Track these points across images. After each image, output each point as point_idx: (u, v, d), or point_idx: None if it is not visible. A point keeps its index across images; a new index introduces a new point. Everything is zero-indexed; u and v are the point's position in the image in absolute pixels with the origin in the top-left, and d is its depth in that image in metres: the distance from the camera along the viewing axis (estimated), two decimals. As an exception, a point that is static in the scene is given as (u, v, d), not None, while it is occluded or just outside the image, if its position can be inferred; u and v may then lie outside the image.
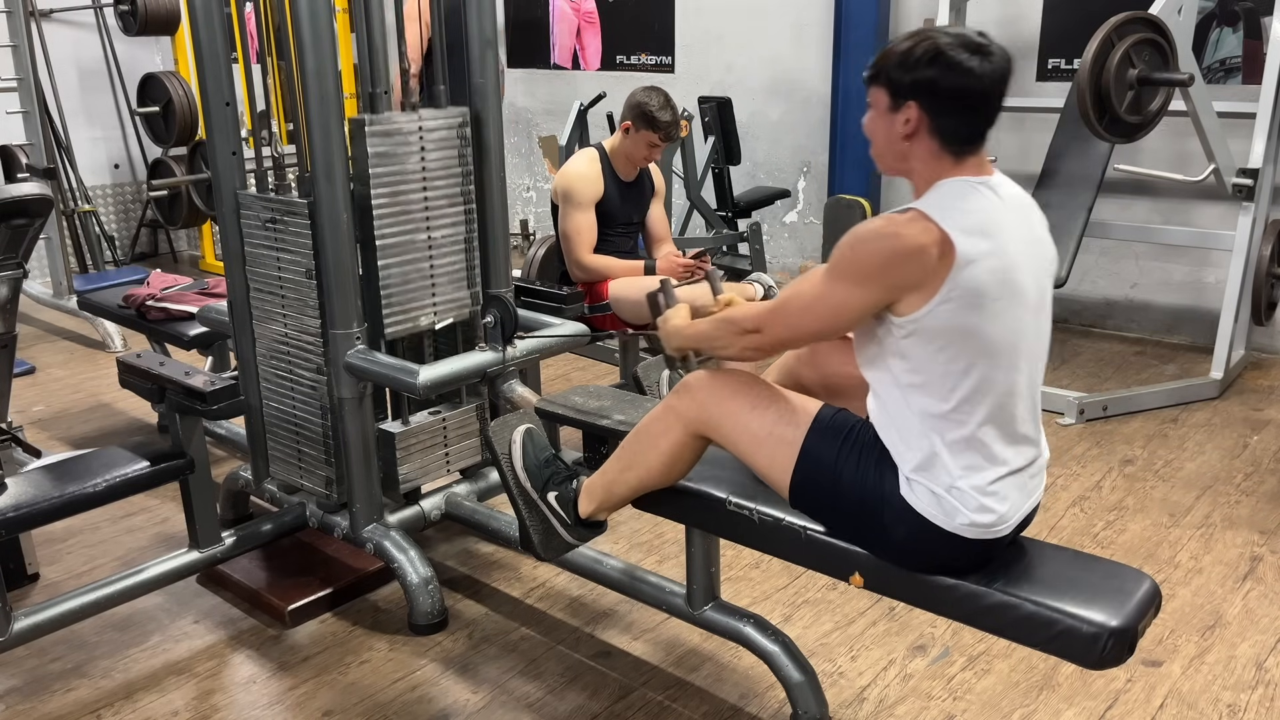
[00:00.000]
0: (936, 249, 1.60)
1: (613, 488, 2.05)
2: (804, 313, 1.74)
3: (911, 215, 1.63)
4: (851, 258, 1.66)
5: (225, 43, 2.56)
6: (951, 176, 1.68)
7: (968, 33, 1.65)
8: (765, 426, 1.84)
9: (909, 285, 1.62)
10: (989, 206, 1.66)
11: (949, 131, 1.66)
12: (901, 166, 1.73)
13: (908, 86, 1.65)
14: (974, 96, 1.64)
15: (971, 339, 1.64)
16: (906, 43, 1.66)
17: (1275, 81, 3.97)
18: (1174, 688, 2.37)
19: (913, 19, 5.27)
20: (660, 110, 3.53)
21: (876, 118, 1.72)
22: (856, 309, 1.68)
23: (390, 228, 2.57)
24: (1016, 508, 1.74)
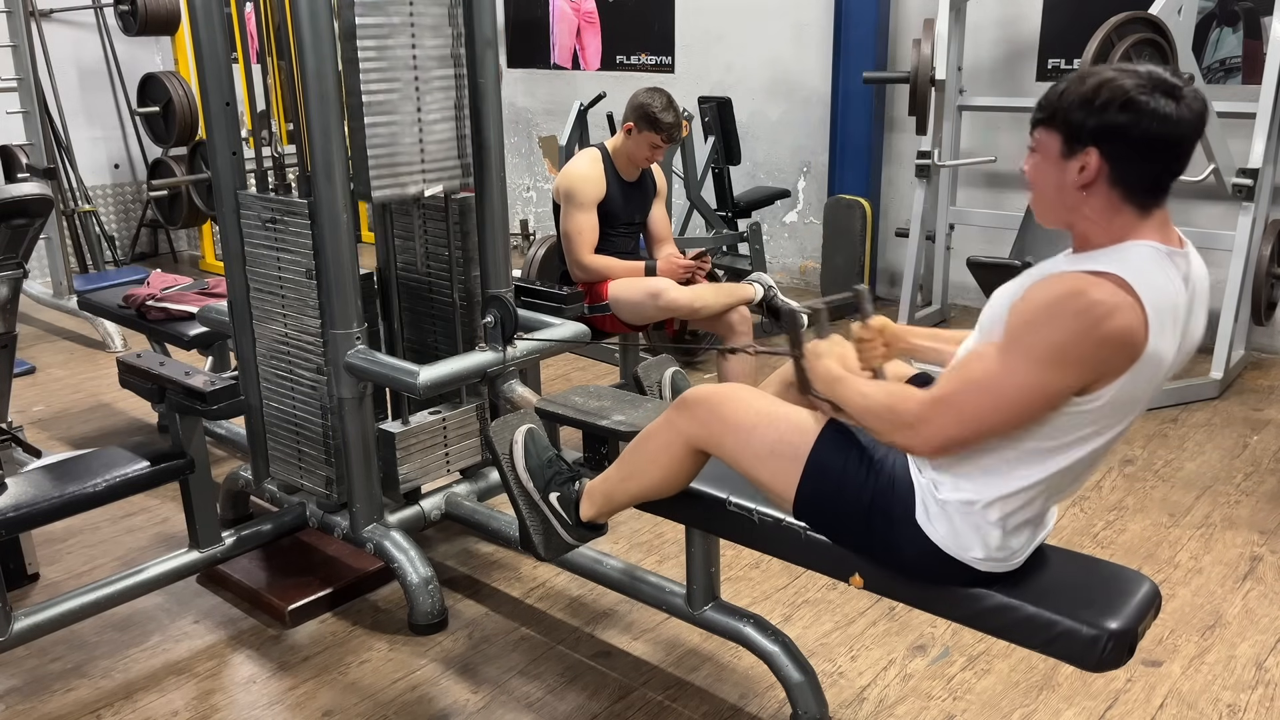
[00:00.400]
0: (1144, 332, 1.44)
1: (613, 495, 2.05)
2: (979, 403, 1.51)
3: (1112, 285, 1.44)
4: (1046, 332, 1.45)
5: (225, 43, 2.56)
6: (1138, 236, 1.51)
7: (1158, 72, 1.47)
8: (768, 443, 1.80)
9: (1107, 372, 1.46)
10: (1177, 291, 1.50)
11: (1135, 182, 1.49)
12: (1070, 218, 1.56)
13: (1091, 132, 1.48)
14: (1167, 145, 1.47)
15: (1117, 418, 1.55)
16: (1088, 82, 1.49)
17: (1275, 81, 3.97)
18: (1174, 688, 2.37)
19: (913, 19, 5.27)
20: (663, 111, 3.53)
21: (1044, 163, 1.55)
22: (1048, 399, 1.49)
23: (377, 84, 2.43)
24: (1030, 542, 1.72)
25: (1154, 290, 1.46)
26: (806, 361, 1.78)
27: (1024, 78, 5.02)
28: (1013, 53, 5.04)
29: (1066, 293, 1.45)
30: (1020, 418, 1.52)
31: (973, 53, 4.97)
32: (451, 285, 2.80)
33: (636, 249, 3.92)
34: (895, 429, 1.60)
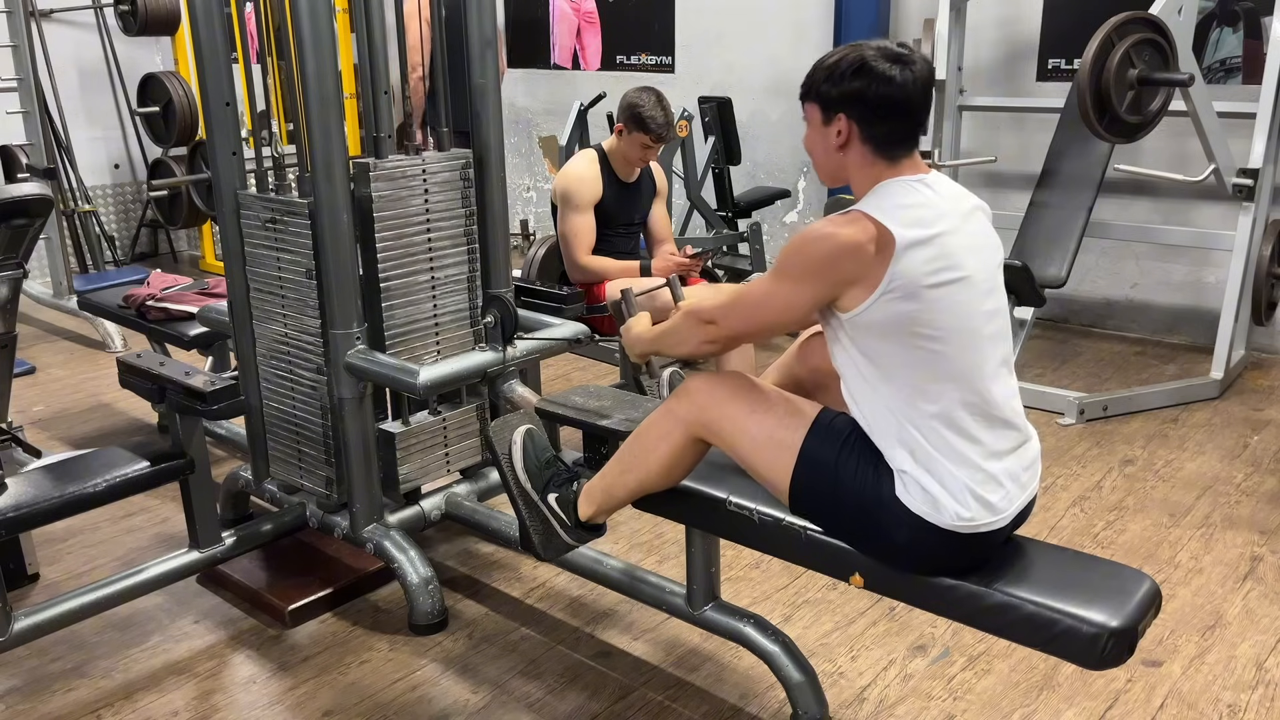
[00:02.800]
0: (873, 244, 1.66)
1: (612, 490, 2.05)
2: (756, 308, 1.81)
3: (851, 216, 1.70)
4: (794, 258, 1.74)
5: (225, 43, 2.56)
6: (889, 178, 1.75)
7: (889, 44, 1.74)
8: (764, 430, 1.84)
9: (849, 280, 1.69)
10: (925, 200, 1.72)
11: (879, 138, 1.74)
12: (840, 176, 1.81)
13: (836, 99, 1.73)
14: (899, 104, 1.71)
15: (920, 326, 1.68)
16: (833, 57, 1.75)
17: (1275, 81, 3.97)
18: (1174, 688, 2.37)
19: (913, 19, 5.27)
20: (651, 111, 3.52)
21: (812, 133, 1.80)
22: (802, 305, 1.75)
23: (394, 269, 2.60)
24: (1011, 499, 1.74)
25: (892, 208, 1.69)
26: (623, 338, 2.11)
27: (1024, 78, 5.02)
28: (1013, 53, 5.04)
29: (814, 227, 1.73)
30: (783, 319, 1.82)
31: (973, 53, 4.97)
32: (451, 285, 2.81)
33: (636, 249, 3.92)
34: (699, 326, 1.87)
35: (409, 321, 2.65)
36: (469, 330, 2.78)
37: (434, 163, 2.64)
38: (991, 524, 1.72)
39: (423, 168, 2.61)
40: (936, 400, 1.71)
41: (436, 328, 2.72)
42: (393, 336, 2.63)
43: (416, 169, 2.60)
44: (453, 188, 2.68)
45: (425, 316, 2.69)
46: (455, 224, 2.70)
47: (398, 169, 2.56)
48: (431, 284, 2.68)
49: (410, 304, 2.65)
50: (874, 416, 1.76)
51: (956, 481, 1.70)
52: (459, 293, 2.75)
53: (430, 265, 2.67)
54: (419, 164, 2.61)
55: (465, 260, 2.74)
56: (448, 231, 2.69)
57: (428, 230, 2.64)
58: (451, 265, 2.72)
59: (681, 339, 1.93)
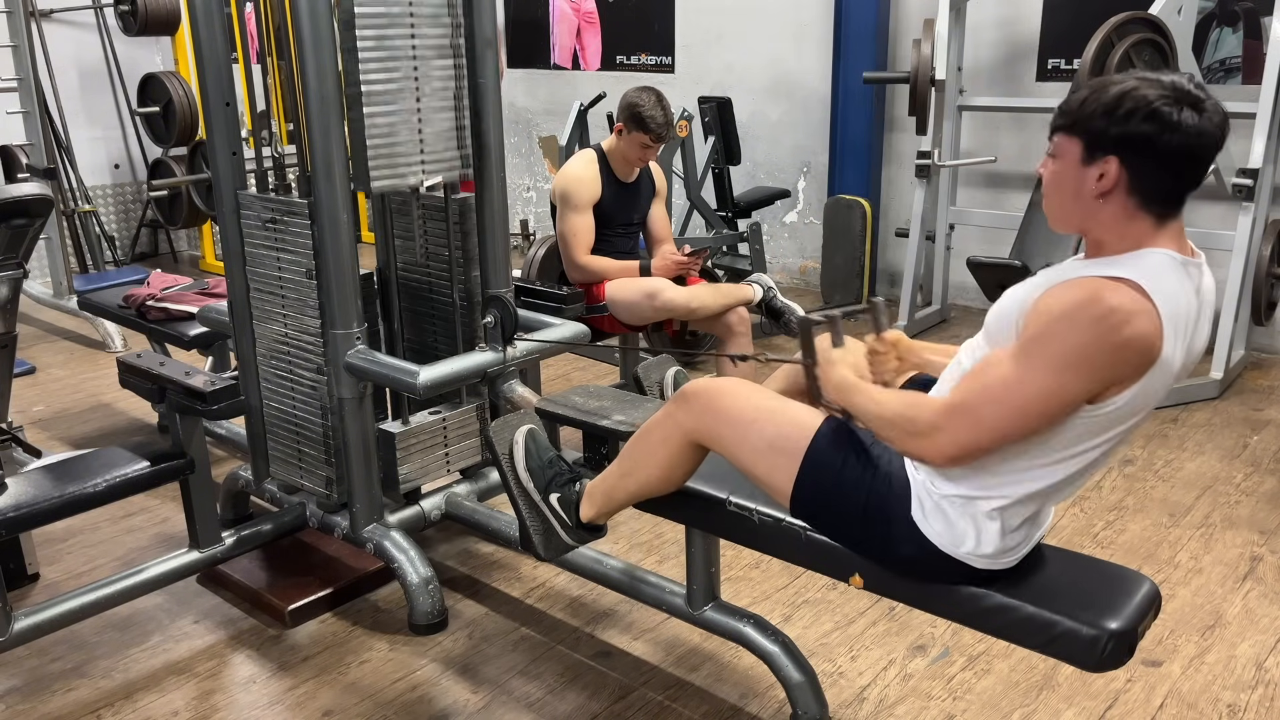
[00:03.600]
0: (1159, 339, 1.44)
1: (612, 493, 2.04)
2: (996, 410, 1.50)
3: (1129, 290, 1.44)
4: (1063, 337, 1.44)
5: (225, 43, 2.56)
6: (1154, 244, 1.52)
7: (1180, 82, 1.47)
8: (766, 438, 1.80)
9: (1122, 379, 1.46)
10: (1189, 301, 1.50)
11: (1152, 192, 1.50)
12: (1085, 224, 1.56)
13: (1112, 140, 1.48)
14: (1188, 157, 1.47)
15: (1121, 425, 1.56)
16: (1111, 91, 1.48)
17: (1275, 81, 3.97)
18: (1174, 688, 2.37)
19: (913, 19, 5.27)
20: (651, 111, 3.52)
21: (1063, 169, 1.54)
22: (1065, 404, 1.48)
23: (376, 74, 2.42)
24: (1028, 542, 1.73)
25: (1168, 298, 1.46)
26: (820, 370, 1.76)
27: (1024, 78, 5.02)
28: (1013, 53, 5.04)
29: (1085, 298, 1.44)
30: (1037, 424, 1.51)
31: (973, 53, 4.97)
32: (451, 285, 2.80)
33: (636, 249, 3.91)
34: (911, 437, 1.58)
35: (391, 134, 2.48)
36: (456, 153, 2.63)
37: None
38: (1003, 564, 1.71)
39: None
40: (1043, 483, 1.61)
41: (422, 146, 2.56)
42: (376, 154, 2.46)
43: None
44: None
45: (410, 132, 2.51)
46: (442, 34, 2.53)
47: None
48: (417, 97, 2.51)
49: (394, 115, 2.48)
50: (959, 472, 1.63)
51: (988, 532, 1.66)
52: (445, 111, 2.58)
53: (415, 76, 2.50)
54: None
55: (452, 75, 2.57)
56: (433, 43, 2.52)
57: (412, 38, 2.47)
58: (438, 78, 2.54)
59: (888, 437, 1.64)
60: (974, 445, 1.54)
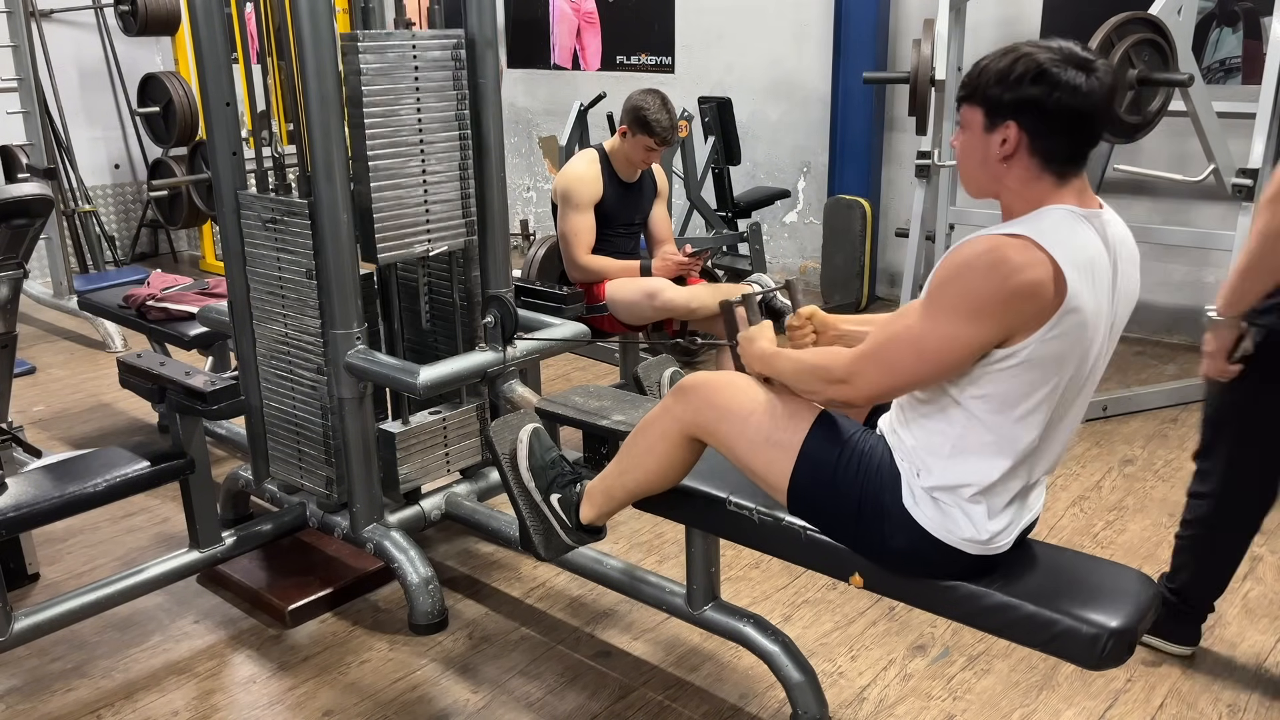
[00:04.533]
0: (1053, 285, 1.51)
1: (612, 491, 2.05)
2: (903, 356, 1.61)
3: (1023, 244, 1.52)
4: (960, 289, 1.54)
5: (225, 43, 2.57)
6: (1055, 202, 1.59)
7: (1071, 47, 1.56)
8: (762, 431, 1.81)
9: (1021, 324, 1.53)
10: (1095, 249, 1.58)
11: (1051, 152, 1.57)
12: (993, 188, 1.64)
13: (1008, 105, 1.56)
14: (1081, 116, 1.54)
15: (1053, 374, 1.59)
16: (1005, 59, 1.57)
17: (1275, 81, 3.96)
18: (1174, 688, 2.37)
19: (913, 19, 5.27)
20: (656, 114, 3.52)
21: (969, 138, 1.63)
22: (965, 349, 1.56)
23: (384, 149, 2.49)
24: (1017, 524, 1.73)
25: (1066, 247, 1.53)
26: (740, 346, 1.91)
27: (1024, 78, 5.01)
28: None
29: (980, 251, 1.54)
30: (941, 367, 1.60)
31: (973, 53, 4.94)
32: (451, 285, 2.80)
33: (636, 250, 3.91)
34: (829, 384, 1.70)
35: (398, 207, 2.55)
36: (461, 223, 2.68)
37: (424, 39, 2.53)
38: (995, 548, 1.71)
39: (413, 43, 2.51)
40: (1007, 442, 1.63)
41: (428, 218, 2.61)
42: (383, 226, 2.53)
43: (406, 44, 2.50)
44: (444, 68, 2.57)
45: (416, 203, 2.58)
46: (447, 107, 2.59)
47: (387, 43, 2.47)
48: (422, 170, 2.58)
49: (400, 188, 2.54)
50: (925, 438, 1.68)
51: (976, 511, 1.68)
52: (450, 183, 2.64)
53: (421, 150, 2.56)
54: (409, 39, 2.51)
55: (457, 148, 2.64)
56: (439, 115, 2.58)
57: (418, 111, 2.53)
58: (443, 152, 2.61)
59: (807, 389, 1.77)
60: (887, 388, 1.66)
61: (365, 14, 2.53)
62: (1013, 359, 1.57)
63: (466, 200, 2.69)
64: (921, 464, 1.70)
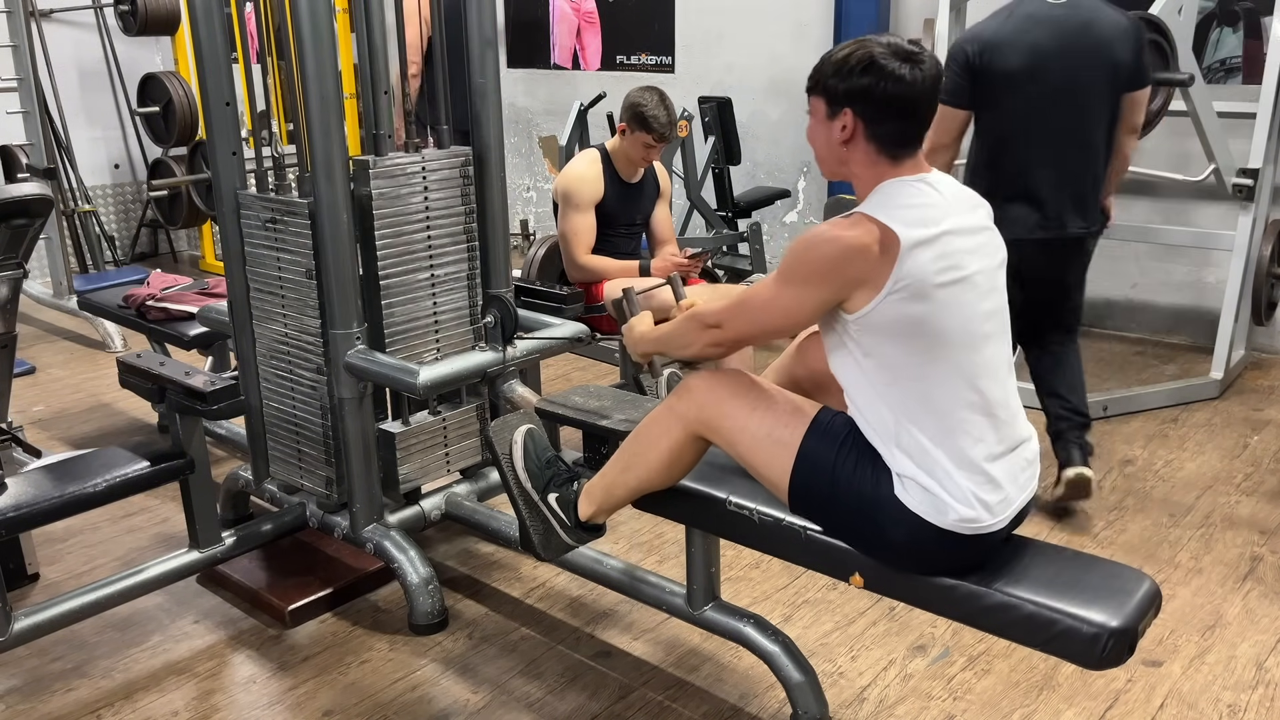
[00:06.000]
0: (878, 245, 1.67)
1: (612, 489, 2.05)
2: (760, 311, 1.81)
3: (854, 218, 1.71)
4: (798, 261, 1.74)
5: (225, 43, 2.57)
6: (891, 178, 1.75)
7: (900, 41, 1.72)
8: (764, 428, 1.84)
9: (856, 282, 1.69)
10: (928, 200, 1.73)
11: (884, 136, 1.73)
12: (842, 171, 1.81)
13: (843, 94, 1.73)
14: (906, 103, 1.70)
15: (925, 326, 1.69)
16: (842, 51, 1.74)
17: (1275, 81, 3.97)
18: (1174, 688, 2.37)
19: (913, 19, 5.27)
20: (654, 111, 3.52)
21: (815, 125, 1.81)
22: (807, 308, 1.76)
23: (394, 267, 2.61)
24: (1010, 501, 1.74)
25: (895, 208, 1.69)
26: (625, 336, 2.11)
27: (1024, 78, 5.01)
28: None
29: (818, 230, 1.73)
30: (790, 322, 1.80)
31: (973, 53, 4.95)
32: (451, 285, 2.81)
33: (637, 250, 3.91)
34: (701, 331, 1.88)
35: (409, 319, 2.66)
36: (469, 329, 2.79)
37: (434, 160, 2.64)
38: (991, 525, 1.72)
39: (422, 165, 2.62)
40: (938, 401, 1.71)
41: (436, 326, 2.72)
42: (392, 335, 2.63)
43: (416, 167, 2.60)
44: (452, 185, 2.68)
45: (425, 315, 2.70)
46: (455, 222, 2.71)
47: (398, 166, 2.57)
48: (431, 282, 2.69)
49: (410, 302, 2.65)
50: (875, 418, 1.76)
51: (956, 483, 1.70)
52: (459, 291, 2.75)
53: (430, 263, 2.68)
54: (419, 161, 2.61)
55: (465, 258, 2.75)
56: (447, 229, 2.69)
57: (427, 228, 2.65)
58: (451, 263, 2.72)
59: (685, 342, 1.93)
60: (749, 335, 1.88)
61: (376, 141, 2.60)
62: (869, 320, 1.70)
63: (474, 308, 2.80)
64: (884, 450, 1.76)
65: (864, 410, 1.78)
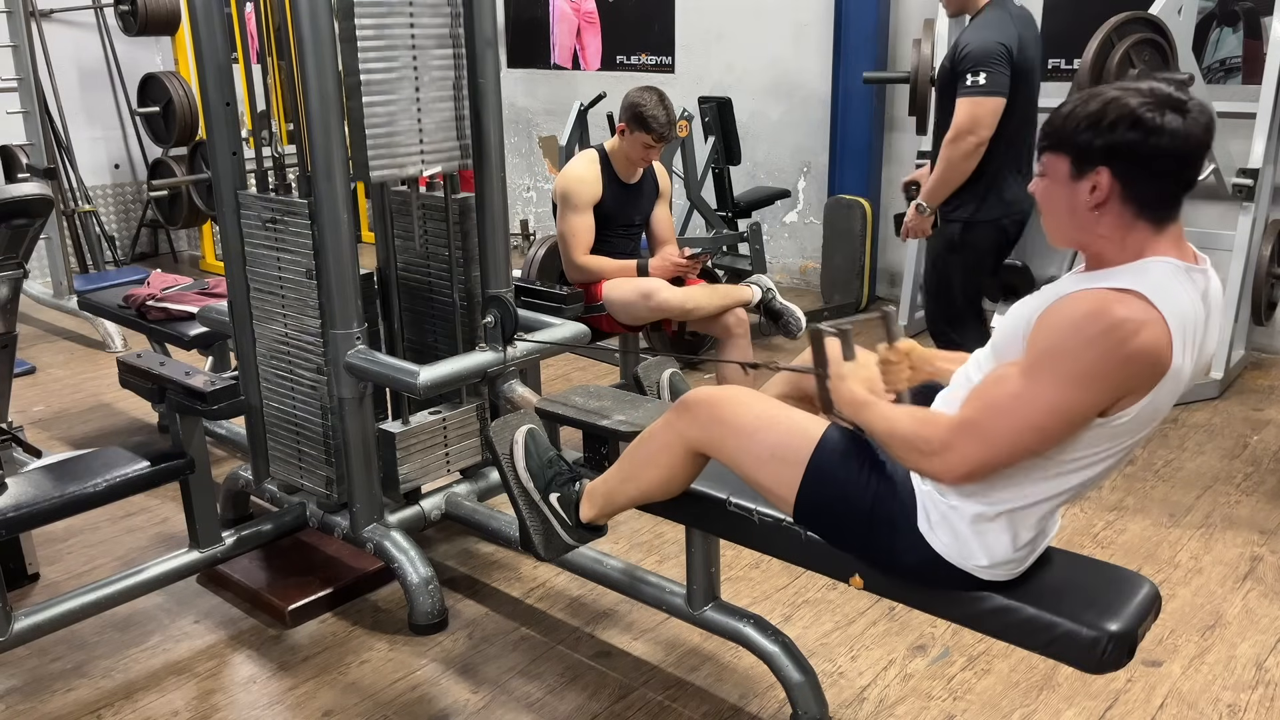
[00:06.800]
0: (1169, 350, 1.44)
1: (613, 496, 2.04)
2: (1005, 426, 1.50)
3: (1135, 299, 1.43)
4: (1072, 353, 1.43)
5: (225, 43, 2.56)
6: (1155, 252, 1.51)
7: (1161, 87, 1.47)
8: (769, 446, 1.79)
9: (1133, 390, 1.45)
10: (1196, 306, 1.50)
11: (1145, 199, 1.49)
12: (1083, 238, 1.55)
13: (1100, 151, 1.47)
14: (1176, 159, 1.47)
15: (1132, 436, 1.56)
16: (1093, 103, 1.49)
17: (1275, 81, 3.97)
18: (1174, 688, 2.37)
19: (913, 19, 5.27)
20: (654, 111, 3.52)
21: (1054, 186, 1.54)
22: (1074, 418, 1.47)
23: (375, 63, 2.43)
24: (1034, 552, 1.72)
25: (1175, 306, 1.45)
26: (831, 383, 1.75)
27: (1024, 78, 5.01)
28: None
29: (1092, 310, 1.43)
30: (1048, 440, 1.51)
31: (973, 53, 4.95)
32: (451, 285, 2.80)
33: (636, 251, 3.91)
34: (924, 456, 1.58)
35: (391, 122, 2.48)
36: (455, 144, 2.62)
37: None
38: (1012, 575, 1.70)
39: None
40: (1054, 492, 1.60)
41: (421, 133, 2.55)
42: (375, 143, 2.46)
43: None
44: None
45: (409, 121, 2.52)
46: (440, 24, 2.53)
47: None
48: (415, 88, 2.51)
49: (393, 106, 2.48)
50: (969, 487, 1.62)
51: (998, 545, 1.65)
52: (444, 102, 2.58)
53: (414, 66, 2.49)
54: None
55: (451, 65, 2.57)
56: (432, 32, 2.52)
57: (411, 27, 2.46)
58: (436, 69, 2.54)
59: (903, 459, 1.64)
60: (985, 463, 1.54)
61: None
62: (1112, 423, 1.50)
63: (461, 122, 2.62)
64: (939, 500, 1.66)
65: None
